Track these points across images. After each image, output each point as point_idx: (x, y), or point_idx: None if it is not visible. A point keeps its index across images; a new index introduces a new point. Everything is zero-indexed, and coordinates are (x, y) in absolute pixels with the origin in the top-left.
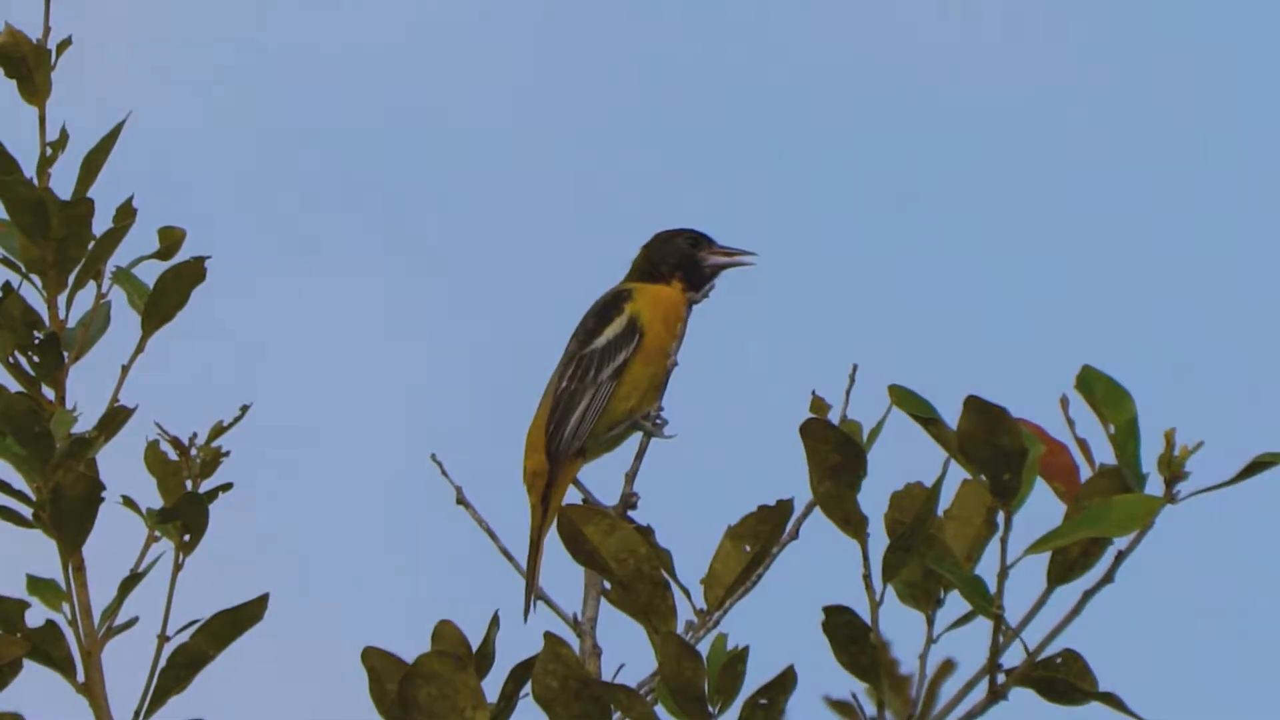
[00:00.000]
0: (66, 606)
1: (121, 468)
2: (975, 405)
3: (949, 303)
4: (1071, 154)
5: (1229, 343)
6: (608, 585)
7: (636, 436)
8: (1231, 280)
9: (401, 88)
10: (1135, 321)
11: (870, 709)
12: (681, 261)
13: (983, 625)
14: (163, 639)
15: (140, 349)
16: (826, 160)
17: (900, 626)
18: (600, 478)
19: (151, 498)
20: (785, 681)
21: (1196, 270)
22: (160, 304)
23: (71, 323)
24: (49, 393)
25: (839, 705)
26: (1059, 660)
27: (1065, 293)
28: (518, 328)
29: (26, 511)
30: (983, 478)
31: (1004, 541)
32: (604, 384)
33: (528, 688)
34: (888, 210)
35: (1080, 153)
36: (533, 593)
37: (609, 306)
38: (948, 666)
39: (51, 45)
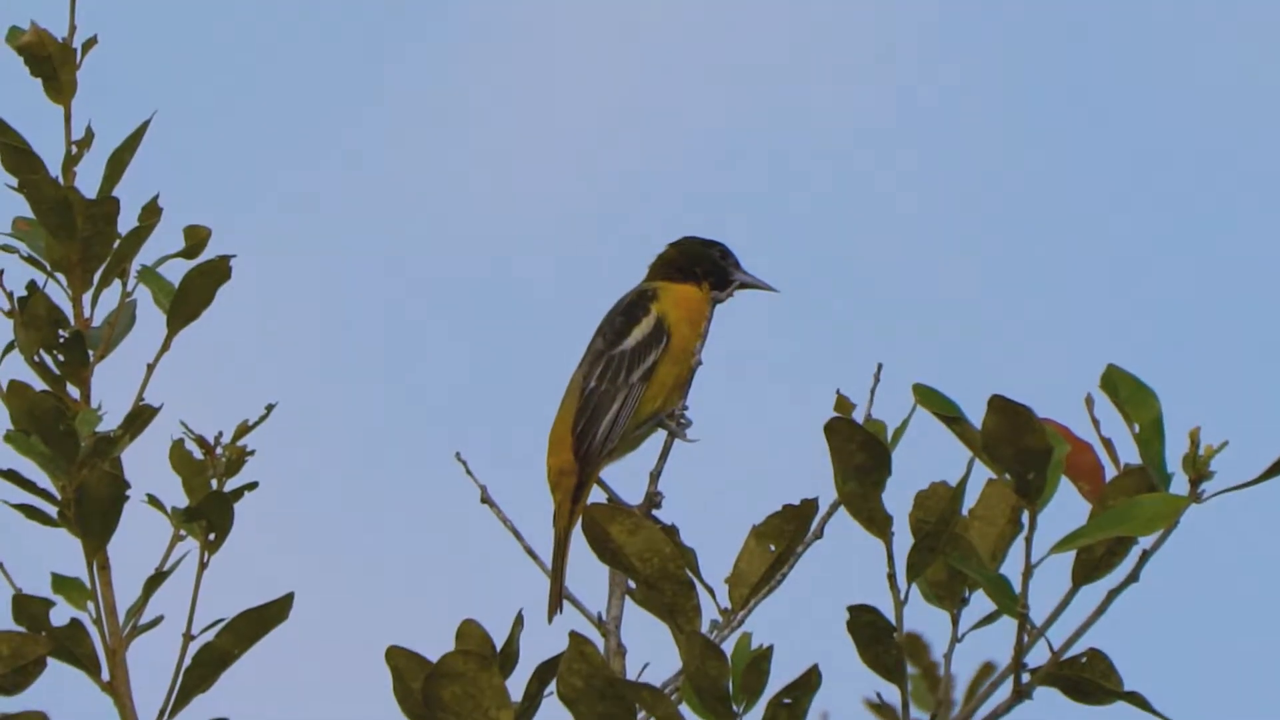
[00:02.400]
0: (91, 605)
1: (146, 466)
2: (1000, 404)
3: (974, 301)
4: (1074, 157)
5: (1255, 341)
6: (632, 584)
7: (660, 435)
8: (1258, 277)
9: None
10: (1160, 319)
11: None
12: (713, 268)
13: (1007, 624)
14: (187, 638)
15: (165, 348)
16: (830, 160)
17: (925, 626)
18: (624, 477)
19: (176, 496)
20: (809, 681)
21: (1222, 267)
22: (185, 303)
23: (97, 321)
24: (74, 391)
25: (877, 708)
26: (1084, 659)
27: (1091, 291)
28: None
29: (52, 510)
30: (1007, 477)
31: (1029, 541)
32: (635, 386)
33: (552, 687)
34: (908, 208)
35: (1084, 158)
36: (559, 592)
37: (635, 306)
38: (987, 670)
39: (77, 44)
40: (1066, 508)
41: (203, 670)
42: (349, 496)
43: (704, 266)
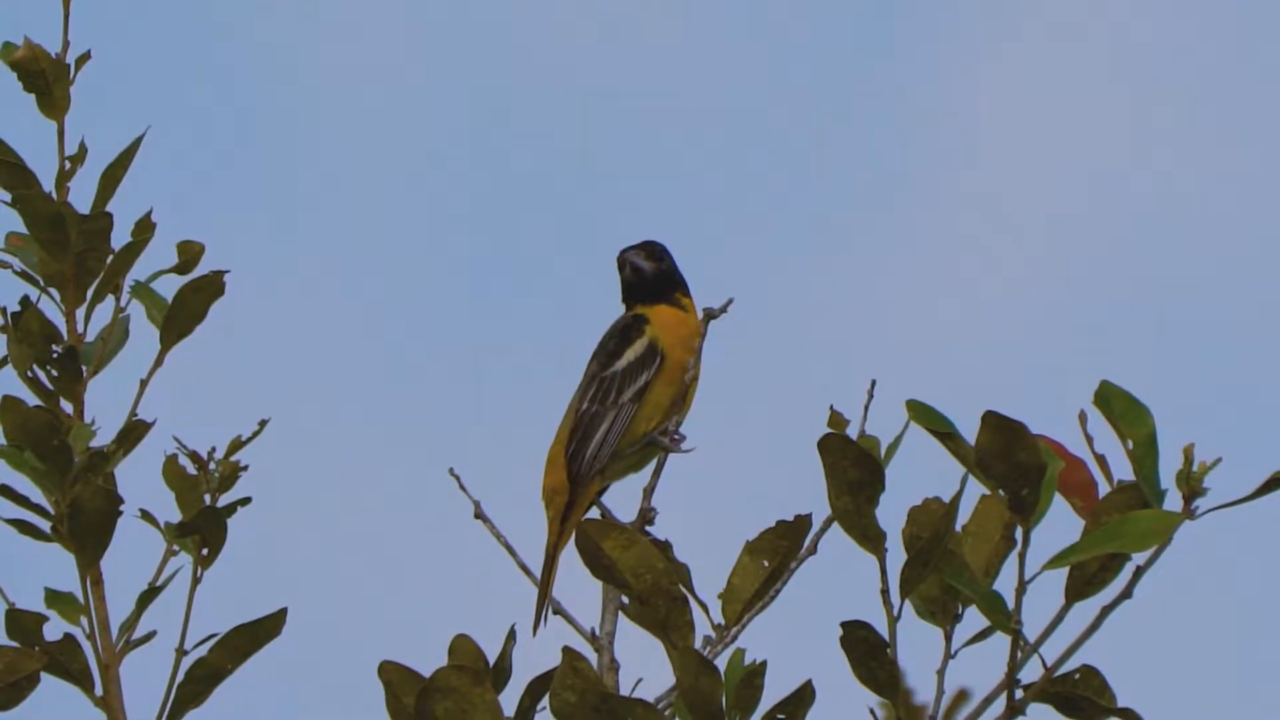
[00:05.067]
0: (84, 620)
1: (140, 481)
2: (993, 421)
3: (966, 318)
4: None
5: (1248, 357)
6: (626, 600)
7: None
8: (1253, 293)
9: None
10: (1154, 336)
11: None
12: (669, 275)
13: (1000, 641)
14: (180, 653)
15: (159, 363)
16: (835, 169)
17: (918, 642)
18: (619, 493)
19: (170, 511)
20: (803, 696)
21: (1216, 283)
22: (179, 318)
23: (90, 337)
24: (68, 406)
25: None
26: (1077, 676)
27: (1083, 307)
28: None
29: (45, 525)
30: (1001, 493)
31: (1022, 557)
32: (625, 406)
33: (545, 702)
34: (900, 223)
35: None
36: (545, 608)
37: (629, 329)
38: (961, 697)
39: (70, 59)
40: (1060, 524)
41: (196, 685)
42: (342, 512)
43: (661, 280)
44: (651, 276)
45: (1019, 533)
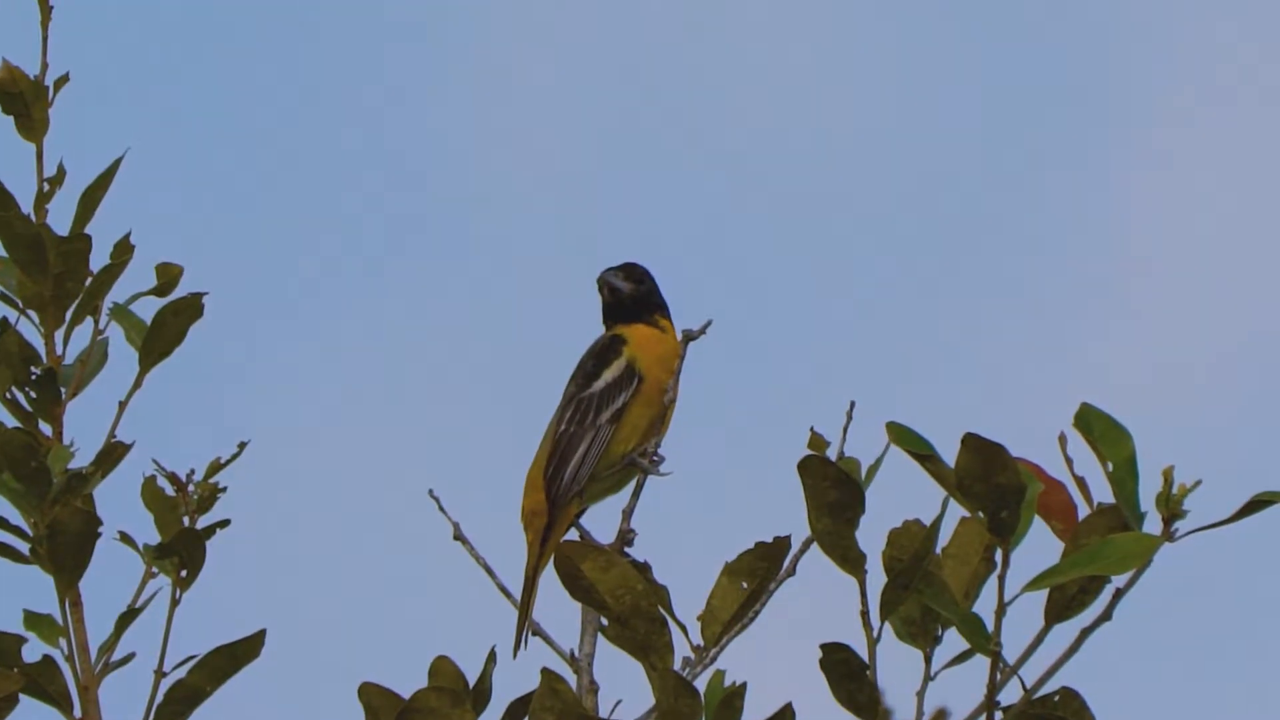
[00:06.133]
0: (63, 642)
1: (119, 503)
2: (973, 443)
3: (947, 339)
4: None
5: (1227, 381)
6: (605, 621)
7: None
8: (1232, 316)
9: None
10: (1132, 359)
11: None
12: (652, 300)
13: (980, 663)
14: (159, 675)
15: (137, 385)
16: (826, 192)
17: (898, 664)
18: (598, 514)
19: (149, 533)
20: (783, 718)
21: (1194, 307)
22: (157, 340)
23: (69, 359)
24: (46, 428)
25: None
26: (1057, 698)
27: (1063, 329)
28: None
29: (23, 547)
30: (981, 515)
31: (1002, 579)
32: (603, 427)
33: None
34: (883, 246)
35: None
36: (525, 630)
37: (607, 349)
38: (940, 716)
39: (49, 82)
40: (1039, 546)
41: (175, 707)
42: (321, 533)
43: (639, 301)
44: (629, 298)
45: (999, 555)
